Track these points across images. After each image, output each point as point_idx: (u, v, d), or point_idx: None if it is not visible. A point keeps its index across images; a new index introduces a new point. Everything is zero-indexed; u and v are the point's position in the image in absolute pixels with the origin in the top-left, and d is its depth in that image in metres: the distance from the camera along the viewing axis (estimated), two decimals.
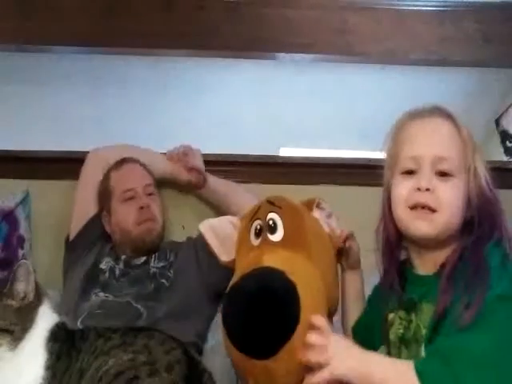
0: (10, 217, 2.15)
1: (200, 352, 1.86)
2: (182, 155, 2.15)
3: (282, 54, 2.42)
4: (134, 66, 2.50)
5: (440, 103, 1.26)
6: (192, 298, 1.90)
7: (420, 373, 1.04)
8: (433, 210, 1.15)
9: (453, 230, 1.16)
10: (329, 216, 1.34)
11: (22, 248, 2.15)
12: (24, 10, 2.29)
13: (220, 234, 1.40)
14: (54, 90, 2.47)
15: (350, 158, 2.34)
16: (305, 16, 2.36)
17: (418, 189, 1.16)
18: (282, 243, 1.24)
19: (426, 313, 1.14)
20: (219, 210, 2.20)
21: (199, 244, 2.05)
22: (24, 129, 2.42)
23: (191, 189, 2.17)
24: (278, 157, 2.27)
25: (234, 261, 1.34)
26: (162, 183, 2.22)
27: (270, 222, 1.26)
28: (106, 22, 2.32)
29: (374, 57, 2.42)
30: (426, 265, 1.20)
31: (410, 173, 1.19)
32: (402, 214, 1.18)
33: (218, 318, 2.03)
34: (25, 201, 2.20)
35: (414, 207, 1.16)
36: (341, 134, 2.46)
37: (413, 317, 1.17)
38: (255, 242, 1.26)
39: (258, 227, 1.27)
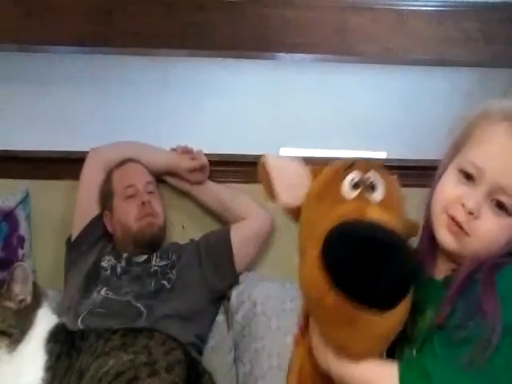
0: (10, 217, 2.15)
1: (200, 352, 1.86)
2: (186, 148, 2.19)
3: (281, 54, 2.42)
4: (133, 66, 2.49)
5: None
6: (193, 301, 1.91)
7: None
8: (466, 233, 1.05)
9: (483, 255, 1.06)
10: None
11: (22, 248, 2.15)
12: (24, 10, 2.29)
13: (285, 175, 1.27)
14: (54, 89, 2.46)
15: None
16: (305, 16, 2.35)
17: (463, 204, 1.06)
18: (380, 205, 1.13)
19: (426, 320, 1.09)
20: (216, 214, 2.21)
21: (202, 247, 2.07)
22: (24, 129, 2.41)
23: (193, 180, 2.18)
24: None
25: (297, 208, 1.22)
26: (162, 184, 2.23)
27: (370, 180, 1.14)
28: (106, 22, 2.32)
29: (374, 57, 2.42)
30: (440, 267, 1.14)
31: (467, 176, 1.08)
32: (437, 213, 1.10)
33: (219, 318, 2.05)
34: (25, 201, 2.21)
35: (450, 217, 1.07)
36: (341, 134, 2.46)
37: (415, 316, 1.11)
38: (350, 194, 1.14)
39: (356, 180, 1.14)
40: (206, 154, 2.22)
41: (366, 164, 1.16)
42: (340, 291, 1.02)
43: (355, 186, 1.13)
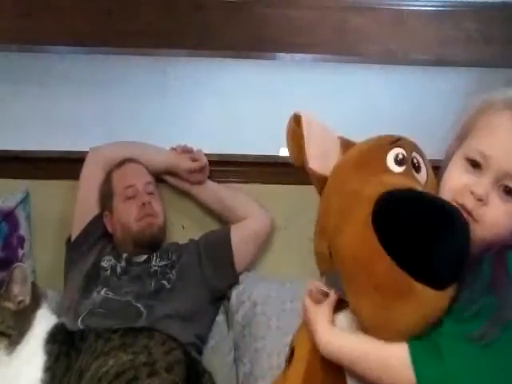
0: (10, 217, 2.15)
1: (200, 352, 1.86)
2: (186, 148, 2.19)
3: (281, 54, 2.42)
4: (133, 66, 2.49)
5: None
6: (193, 302, 1.91)
7: (417, 373, 0.98)
8: (476, 220, 1.07)
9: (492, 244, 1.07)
10: None
11: (22, 248, 2.16)
12: (24, 10, 2.29)
13: (319, 140, 1.20)
14: (54, 90, 2.46)
15: None
16: (305, 16, 2.35)
17: (472, 192, 1.07)
18: (423, 187, 1.10)
19: None
20: (216, 213, 2.22)
21: (202, 247, 2.07)
22: (24, 129, 2.41)
23: (192, 180, 2.19)
24: (278, 157, 2.27)
25: (323, 178, 1.17)
26: (162, 184, 2.23)
27: (415, 160, 1.12)
28: (106, 22, 2.31)
29: (374, 57, 2.41)
30: None
31: (474, 164, 1.09)
32: None
33: (219, 318, 2.05)
34: (25, 201, 2.21)
35: (459, 205, 1.08)
36: (341, 134, 2.45)
37: None
38: (395, 168, 1.11)
39: (401, 156, 1.11)
40: (205, 154, 2.22)
41: (410, 144, 1.15)
42: (392, 259, 0.95)
43: (400, 162, 1.11)
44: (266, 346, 1.91)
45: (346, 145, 1.22)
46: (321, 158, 1.17)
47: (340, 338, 1.08)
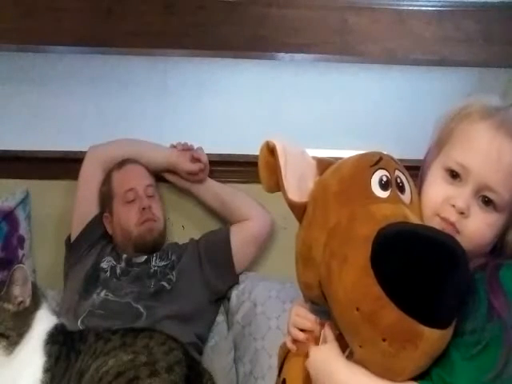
0: (10, 217, 2.16)
1: (200, 352, 1.86)
2: (186, 146, 2.19)
3: (281, 54, 2.42)
4: (133, 65, 2.49)
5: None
6: (193, 302, 1.91)
7: None
8: (457, 231, 1.06)
9: (473, 255, 1.06)
10: None
11: (22, 248, 2.16)
12: (24, 9, 2.29)
13: (294, 166, 1.14)
14: (54, 89, 2.46)
15: None
16: (305, 16, 2.35)
17: (453, 205, 1.06)
18: (409, 207, 1.07)
19: None
20: (216, 212, 2.21)
21: (202, 248, 2.06)
22: (24, 129, 2.41)
23: (192, 180, 2.19)
24: None
25: (302, 204, 1.12)
26: (162, 184, 2.23)
27: (398, 180, 1.09)
28: (106, 22, 2.31)
29: (374, 57, 2.41)
30: None
31: (453, 175, 1.09)
32: (428, 217, 1.10)
33: (219, 318, 2.05)
34: (25, 201, 2.22)
35: (443, 219, 1.07)
36: (341, 134, 2.45)
37: None
38: (381, 193, 1.06)
39: (385, 178, 1.07)
40: (205, 154, 2.22)
41: (391, 162, 1.12)
42: (398, 306, 0.92)
43: (385, 185, 1.07)
44: (265, 346, 1.91)
45: (322, 164, 1.18)
46: (299, 186, 1.13)
47: (340, 364, 1.04)
